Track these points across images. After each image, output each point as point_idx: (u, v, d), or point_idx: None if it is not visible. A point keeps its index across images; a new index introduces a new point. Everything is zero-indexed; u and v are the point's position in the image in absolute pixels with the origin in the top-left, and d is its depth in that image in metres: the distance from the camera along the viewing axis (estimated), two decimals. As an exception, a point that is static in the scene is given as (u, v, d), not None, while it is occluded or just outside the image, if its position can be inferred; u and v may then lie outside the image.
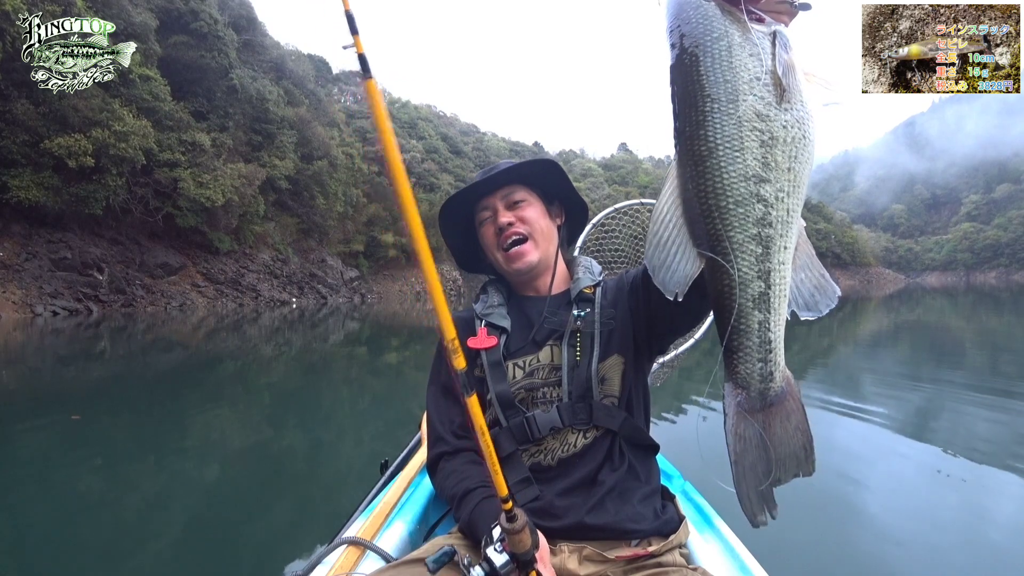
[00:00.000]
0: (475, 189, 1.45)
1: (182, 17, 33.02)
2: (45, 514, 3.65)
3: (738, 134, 0.80)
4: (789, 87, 0.79)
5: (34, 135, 23.27)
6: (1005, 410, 6.13)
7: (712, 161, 0.81)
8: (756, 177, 0.80)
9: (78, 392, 8.12)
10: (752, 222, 0.82)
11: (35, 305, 21.15)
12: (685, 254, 0.86)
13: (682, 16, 0.82)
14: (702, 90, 0.81)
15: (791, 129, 0.80)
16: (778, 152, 0.80)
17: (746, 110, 0.79)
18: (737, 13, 0.80)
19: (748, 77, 0.79)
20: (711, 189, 0.82)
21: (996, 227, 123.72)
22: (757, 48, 0.79)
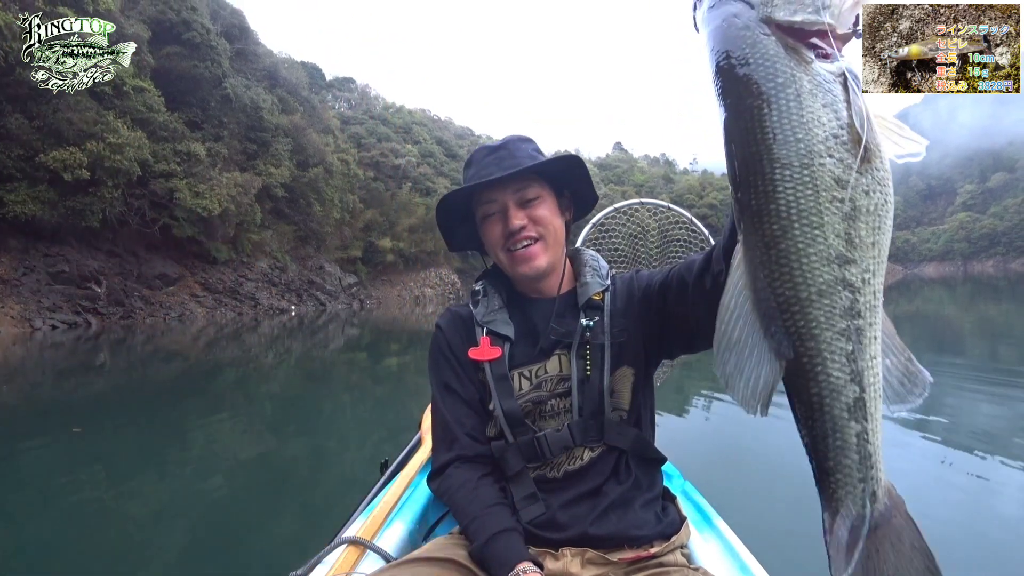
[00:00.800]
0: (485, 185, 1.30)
1: (174, 28, 32.98)
2: (48, 526, 3.66)
3: (816, 207, 0.66)
4: (869, 142, 0.65)
5: (29, 149, 23.22)
6: (1007, 398, 6.14)
7: (787, 243, 0.67)
8: (840, 258, 0.66)
9: (79, 405, 8.12)
10: (839, 314, 0.68)
11: (34, 319, 21.10)
12: (762, 357, 0.70)
13: (736, 55, 0.67)
14: (769, 152, 0.66)
15: (874, 195, 0.67)
16: (861, 225, 0.66)
17: (824, 176, 0.65)
18: (802, 50, 0.66)
19: (824, 134, 0.65)
20: (788, 277, 0.68)
21: (992, 216, 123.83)
22: (831, 96, 0.65)
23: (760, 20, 0.66)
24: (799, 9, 0.65)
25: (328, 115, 55.78)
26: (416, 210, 54.48)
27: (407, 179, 63.07)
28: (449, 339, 1.38)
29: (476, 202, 1.34)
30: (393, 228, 51.79)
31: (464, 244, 1.47)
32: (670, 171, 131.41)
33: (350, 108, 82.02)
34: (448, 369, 1.35)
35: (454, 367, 1.35)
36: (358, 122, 72.76)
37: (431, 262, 55.39)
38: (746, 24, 0.67)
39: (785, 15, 0.65)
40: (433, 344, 1.41)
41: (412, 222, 53.13)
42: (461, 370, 1.35)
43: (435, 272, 55.47)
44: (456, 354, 1.36)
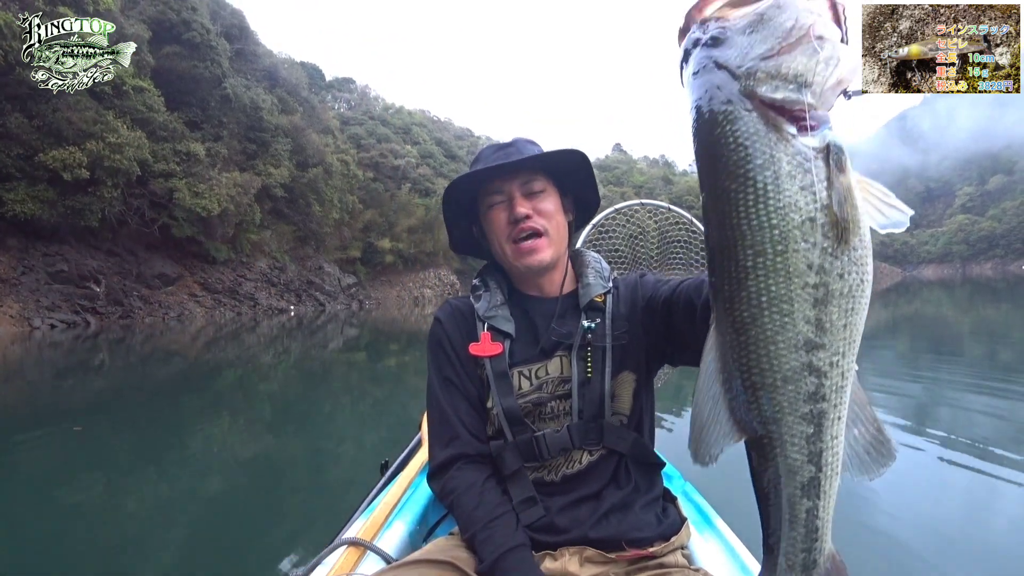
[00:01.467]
0: (494, 171, 1.29)
1: (174, 28, 32.98)
2: (45, 526, 3.65)
3: (788, 295, 0.65)
4: (847, 224, 0.63)
5: (28, 148, 23.23)
6: (1006, 400, 6.15)
7: (756, 330, 0.67)
8: (808, 344, 0.66)
9: (77, 405, 8.11)
10: (803, 399, 0.68)
11: (32, 319, 21.10)
12: (726, 434, 0.72)
13: (716, 133, 0.65)
14: (743, 239, 0.65)
15: (848, 277, 0.65)
16: (833, 308, 0.65)
17: (797, 263, 0.64)
18: (784, 125, 0.63)
19: (799, 219, 0.63)
20: (755, 363, 0.68)
21: (991, 218, 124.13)
22: (810, 177, 0.63)
23: (742, 94, 0.64)
24: (780, 86, 0.63)
25: (328, 115, 55.77)
26: (415, 211, 54.45)
27: (406, 180, 63.01)
28: (448, 332, 1.36)
29: (482, 193, 1.34)
30: (392, 229, 51.75)
31: (464, 244, 1.46)
32: (669, 172, 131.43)
33: (350, 109, 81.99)
34: (448, 363, 1.33)
35: (453, 361, 1.33)
36: (358, 123, 72.70)
37: (430, 263, 55.35)
38: (728, 98, 0.65)
39: (767, 91, 0.63)
40: (432, 337, 1.39)
41: (411, 223, 53.10)
42: (460, 365, 1.33)
43: (434, 273, 55.43)
44: (456, 348, 1.34)
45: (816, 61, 0.62)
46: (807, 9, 0.64)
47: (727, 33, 0.65)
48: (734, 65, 0.64)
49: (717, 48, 0.65)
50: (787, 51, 0.63)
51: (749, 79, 0.63)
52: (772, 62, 0.63)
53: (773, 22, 0.63)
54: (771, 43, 0.63)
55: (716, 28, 0.66)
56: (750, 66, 0.64)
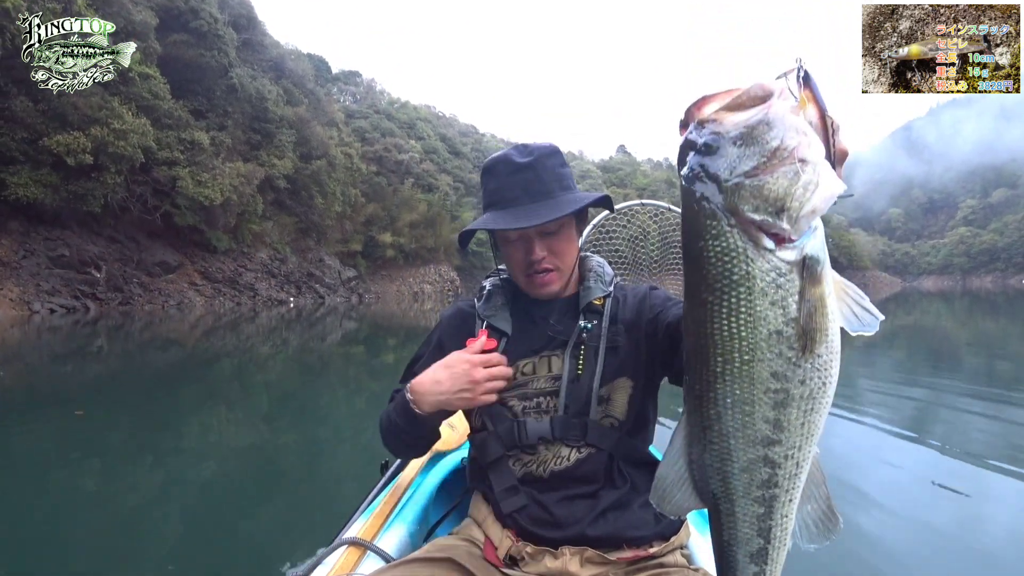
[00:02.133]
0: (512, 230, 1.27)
1: (182, 16, 32.98)
2: (42, 513, 3.63)
3: (750, 398, 0.71)
4: (814, 335, 0.68)
5: (33, 132, 23.24)
6: (1001, 414, 6.15)
7: (719, 427, 0.74)
8: (766, 440, 0.73)
9: (75, 390, 8.12)
10: (757, 485, 0.76)
11: (32, 303, 21.11)
12: (687, 499, 0.81)
13: (699, 244, 0.69)
14: (714, 346, 0.71)
15: (809, 382, 0.70)
16: (792, 410, 0.71)
17: (762, 371, 0.69)
18: (763, 240, 0.67)
19: (767, 332, 0.68)
20: (716, 454, 0.76)
21: (992, 231, 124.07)
22: (782, 292, 0.67)
23: (726, 208, 0.67)
24: (761, 207, 0.65)
25: (333, 108, 55.76)
26: (418, 206, 54.41)
27: (410, 175, 63.01)
28: (445, 330, 1.43)
29: None
30: (394, 223, 51.73)
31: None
32: (673, 176, 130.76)
33: (355, 102, 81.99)
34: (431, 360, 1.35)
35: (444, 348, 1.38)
36: (363, 116, 72.69)
37: (431, 258, 55.34)
38: (713, 212, 0.67)
39: (748, 210, 0.66)
40: (433, 331, 1.48)
41: (413, 218, 53.08)
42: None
43: (435, 269, 55.41)
44: (443, 349, 1.37)
45: (796, 186, 0.65)
46: (795, 129, 0.65)
47: (719, 141, 0.67)
48: (722, 178, 0.66)
49: (708, 156, 0.67)
50: (769, 171, 0.65)
51: (734, 195, 0.66)
52: (756, 180, 0.65)
53: (761, 139, 0.65)
54: (756, 160, 0.65)
55: (710, 135, 0.67)
56: (736, 181, 0.66)
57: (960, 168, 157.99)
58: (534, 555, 1.22)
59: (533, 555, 1.22)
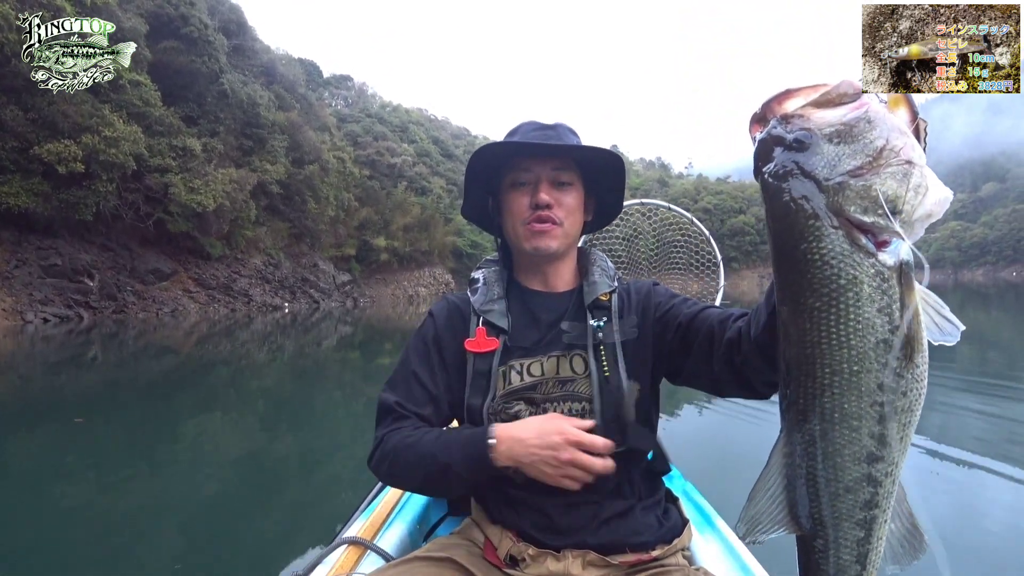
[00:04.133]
0: (534, 148, 1.26)
1: (172, 22, 32.83)
2: (38, 521, 3.63)
3: (858, 412, 0.66)
4: (916, 344, 0.64)
5: (23, 141, 23.06)
6: (995, 405, 6.19)
7: (825, 443, 0.69)
8: (870, 457, 0.68)
9: (70, 399, 8.08)
10: (859, 507, 0.71)
11: (25, 312, 20.96)
12: (778, 524, 0.76)
13: (802, 248, 0.65)
14: (822, 356, 0.66)
15: (910, 394, 0.66)
16: (894, 424, 0.67)
17: (869, 382, 0.65)
18: (865, 242, 0.63)
19: (875, 340, 0.64)
20: (820, 473, 0.71)
21: (983, 225, 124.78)
22: (886, 299, 0.63)
23: (829, 209, 0.63)
24: (870, 208, 0.62)
25: (325, 112, 55.66)
26: (411, 209, 54.36)
27: (403, 178, 62.97)
28: (439, 328, 1.34)
29: (508, 169, 1.30)
30: (388, 227, 51.67)
31: (474, 213, 1.44)
32: (665, 175, 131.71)
33: (347, 106, 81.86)
34: (422, 356, 1.32)
35: (429, 358, 1.31)
36: (355, 120, 72.60)
37: (425, 261, 55.31)
38: (815, 212, 0.63)
39: (856, 211, 0.62)
40: (422, 328, 1.37)
41: (407, 221, 53.03)
42: (441, 353, 1.31)
43: (429, 272, 55.38)
44: (440, 345, 1.32)
45: (907, 188, 0.62)
46: (899, 130, 0.63)
47: (812, 138, 0.63)
48: (822, 176, 0.63)
49: (802, 153, 0.64)
50: (876, 171, 0.62)
51: (837, 195, 0.62)
52: (862, 180, 0.62)
53: (864, 137, 0.62)
54: (860, 160, 0.62)
55: (801, 130, 0.64)
56: (839, 181, 0.62)
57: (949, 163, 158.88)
58: (535, 557, 1.21)
59: (535, 557, 1.21)
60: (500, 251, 1.43)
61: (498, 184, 1.33)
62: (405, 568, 1.19)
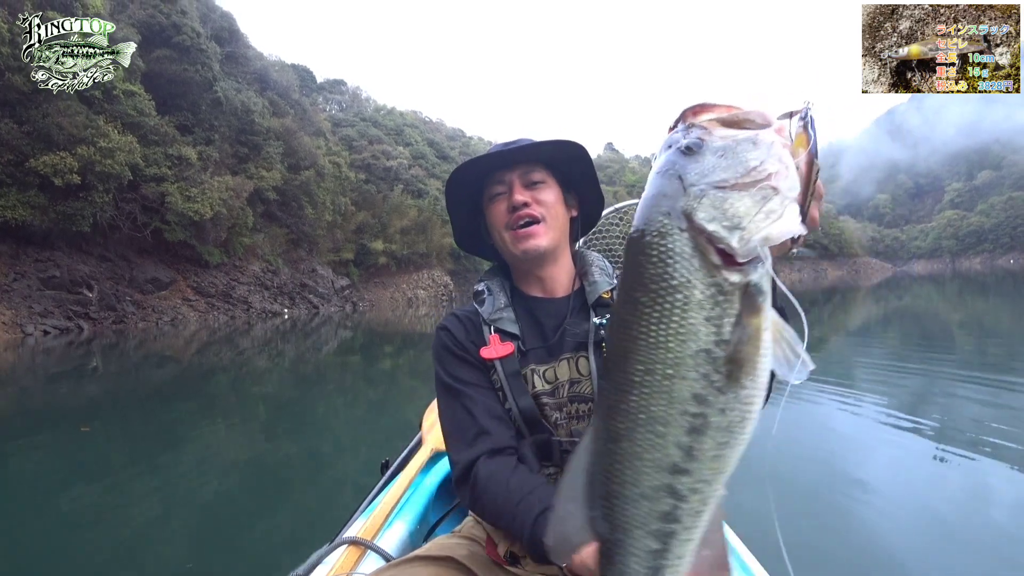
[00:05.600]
0: (493, 160, 1.30)
1: (164, 31, 32.76)
2: (42, 531, 3.65)
3: (665, 417, 0.64)
4: (743, 364, 0.62)
5: (18, 154, 23.02)
6: (996, 392, 6.21)
7: (627, 443, 0.67)
8: (674, 468, 0.66)
9: (72, 410, 8.08)
10: (656, 517, 0.68)
11: (25, 325, 20.92)
12: (578, 532, 0.73)
13: (644, 240, 0.65)
14: (637, 352, 0.64)
15: (730, 413, 0.64)
16: (707, 439, 0.65)
17: (682, 390, 0.63)
18: (712, 254, 0.63)
19: (696, 348, 0.62)
20: (618, 474, 0.69)
21: (979, 213, 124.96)
22: (718, 311, 0.62)
23: (682, 211, 0.63)
24: (716, 218, 0.62)
25: (319, 117, 55.61)
26: (408, 212, 54.25)
27: (399, 181, 62.76)
28: (457, 337, 1.32)
29: (486, 186, 1.34)
30: (385, 230, 51.53)
31: (468, 241, 1.46)
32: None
33: (341, 110, 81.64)
34: (458, 364, 1.29)
35: (465, 363, 1.29)
36: (349, 124, 72.39)
37: (424, 264, 55.17)
38: (668, 210, 0.64)
39: (703, 218, 0.62)
40: (438, 344, 1.34)
41: (404, 224, 52.91)
42: (471, 367, 1.29)
43: (428, 274, 55.24)
44: (466, 350, 1.30)
45: (759, 210, 0.62)
46: (779, 158, 0.64)
47: (702, 147, 0.65)
48: (689, 181, 0.64)
49: (685, 157, 0.65)
50: (739, 188, 0.62)
51: (694, 199, 0.63)
52: (721, 193, 0.63)
53: (743, 156, 0.63)
54: (730, 173, 0.63)
55: (695, 138, 0.65)
56: (701, 188, 0.63)
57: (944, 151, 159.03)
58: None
59: None
60: (499, 263, 1.45)
61: (482, 207, 1.37)
62: (405, 568, 1.20)
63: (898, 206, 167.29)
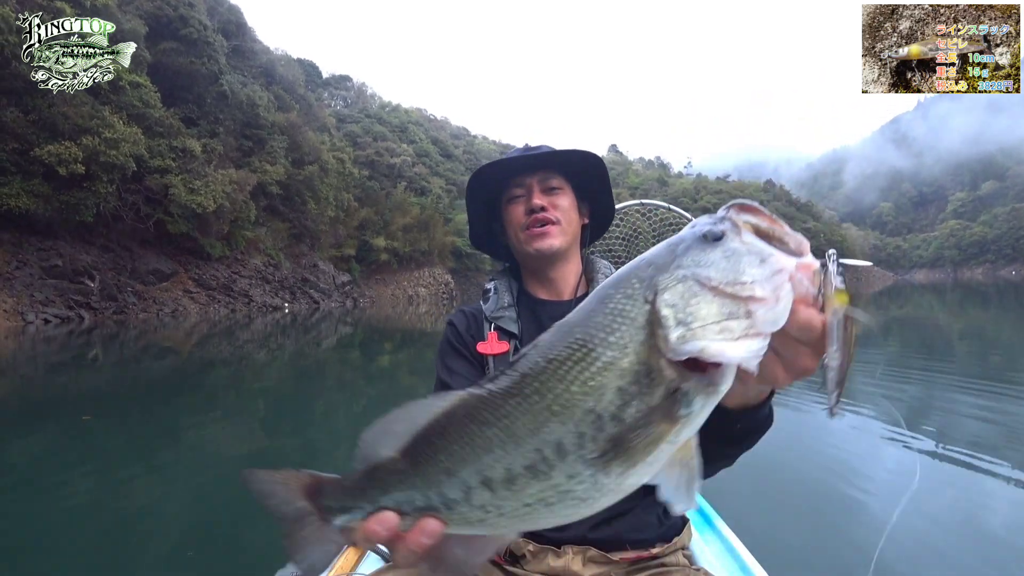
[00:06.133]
0: (515, 164, 1.37)
1: (171, 23, 32.86)
2: (39, 521, 3.64)
3: (520, 438, 0.60)
4: (621, 453, 0.58)
5: (24, 143, 23.10)
6: (995, 402, 6.20)
7: (474, 427, 0.63)
8: (484, 479, 0.63)
9: (71, 400, 8.08)
10: (436, 494, 0.66)
11: (26, 313, 20.98)
12: (383, 456, 0.72)
13: (610, 291, 0.62)
14: (545, 371, 0.60)
15: (575, 485, 0.61)
16: (535, 486, 0.61)
17: (552, 432, 0.59)
18: (659, 339, 0.58)
19: (591, 406, 0.57)
20: (446, 442, 0.65)
21: (982, 224, 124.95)
22: (633, 390, 0.57)
23: (654, 282, 0.59)
24: (676, 305, 0.58)
25: (324, 113, 55.69)
26: (411, 209, 54.32)
27: (402, 178, 62.90)
28: (460, 332, 1.38)
29: (505, 187, 1.40)
30: (387, 227, 51.61)
31: (482, 240, 1.52)
32: (664, 174, 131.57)
33: (346, 106, 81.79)
34: (455, 357, 1.34)
35: (460, 356, 1.34)
36: (354, 120, 72.52)
37: (425, 262, 55.23)
38: (645, 277, 0.60)
39: (665, 299, 0.58)
40: (443, 339, 1.40)
41: (407, 221, 52.98)
42: (468, 361, 1.33)
43: (429, 272, 55.30)
44: (466, 346, 1.35)
45: (717, 321, 0.57)
46: (775, 285, 0.58)
47: (717, 241, 0.60)
48: (680, 262, 0.60)
49: (696, 241, 0.61)
50: (715, 293, 0.58)
51: (671, 279, 0.59)
52: (697, 287, 0.58)
53: (742, 264, 0.59)
54: (718, 275, 0.58)
55: (718, 230, 0.61)
56: (685, 273, 0.59)
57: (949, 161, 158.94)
58: (536, 553, 1.21)
59: (535, 553, 1.21)
60: (510, 265, 1.50)
61: (499, 208, 1.43)
62: (405, 568, 1.20)
63: (901, 215, 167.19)
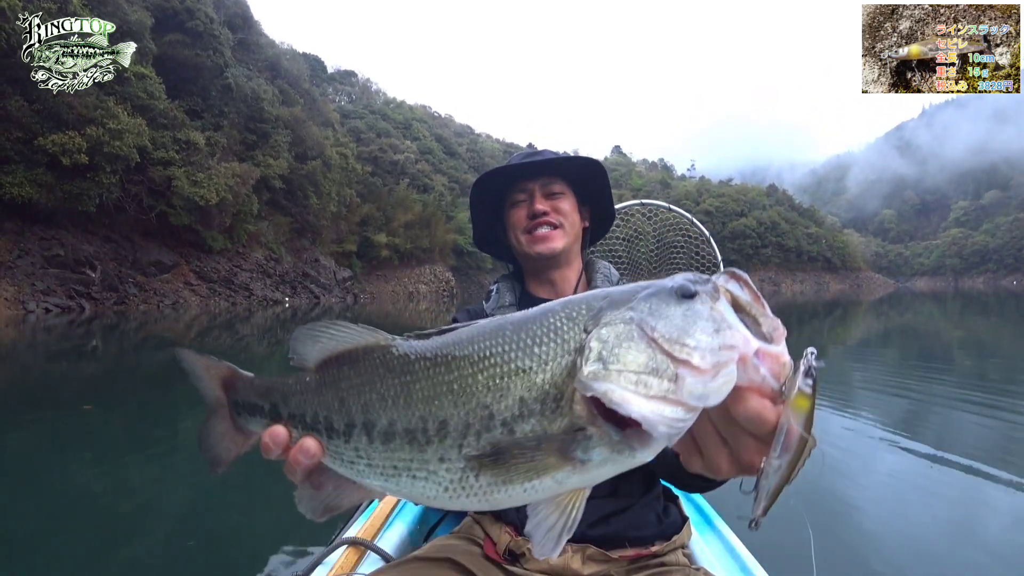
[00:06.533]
0: (517, 169, 1.41)
1: (177, 16, 32.89)
2: (35, 514, 3.62)
3: (418, 401, 0.60)
4: (497, 466, 0.57)
5: (28, 132, 23.13)
6: (994, 411, 6.20)
7: (387, 374, 0.64)
8: (361, 423, 0.63)
9: (69, 389, 8.09)
10: (309, 414, 0.69)
11: (27, 302, 21.01)
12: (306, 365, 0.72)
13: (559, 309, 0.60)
14: (468, 356, 0.60)
15: (440, 473, 0.59)
16: (397, 451, 0.61)
17: (441, 409, 0.59)
18: (581, 371, 0.56)
19: (489, 402, 0.57)
20: (348, 385, 0.66)
21: (984, 233, 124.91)
22: (536, 407, 0.56)
23: (599, 316, 0.57)
24: (606, 343, 0.55)
25: (328, 108, 55.64)
26: (413, 207, 54.34)
27: (405, 175, 63.00)
28: None
29: (508, 191, 1.45)
30: (389, 224, 51.65)
31: (486, 242, 1.56)
32: (668, 176, 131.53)
33: (350, 102, 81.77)
34: None
35: None
36: (358, 116, 72.55)
37: (426, 259, 55.23)
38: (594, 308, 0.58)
39: (601, 335, 0.56)
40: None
41: (408, 218, 53.00)
42: None
43: (430, 269, 55.30)
44: None
45: (637, 371, 0.54)
46: (717, 360, 0.54)
47: (688, 299, 0.57)
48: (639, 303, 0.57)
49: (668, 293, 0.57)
50: (652, 345, 0.55)
51: (615, 318, 0.57)
52: (638, 333, 0.55)
53: (693, 327, 0.55)
54: (664, 328, 0.55)
55: (694, 289, 0.57)
56: (632, 316, 0.56)
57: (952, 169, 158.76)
58: None
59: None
60: (514, 266, 1.55)
61: (503, 210, 1.47)
62: (405, 568, 1.21)
63: (903, 222, 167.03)
